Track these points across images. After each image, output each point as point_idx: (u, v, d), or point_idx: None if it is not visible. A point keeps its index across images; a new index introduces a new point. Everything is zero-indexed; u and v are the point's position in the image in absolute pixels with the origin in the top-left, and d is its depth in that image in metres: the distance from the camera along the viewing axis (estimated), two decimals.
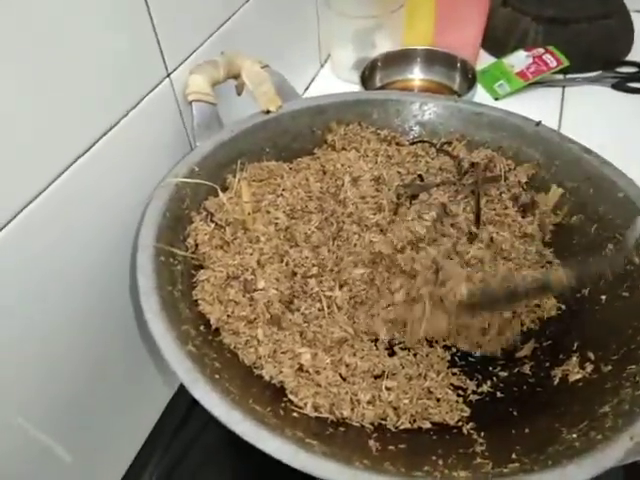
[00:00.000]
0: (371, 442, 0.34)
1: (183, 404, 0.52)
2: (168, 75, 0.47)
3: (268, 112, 0.53)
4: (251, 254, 0.44)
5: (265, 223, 0.47)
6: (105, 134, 0.40)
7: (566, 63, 0.75)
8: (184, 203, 0.45)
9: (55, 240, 0.37)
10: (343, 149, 0.55)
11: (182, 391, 0.53)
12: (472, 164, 0.53)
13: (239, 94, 0.54)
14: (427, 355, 0.43)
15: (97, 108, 0.39)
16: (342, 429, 0.36)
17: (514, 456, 0.32)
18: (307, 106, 0.55)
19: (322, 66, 0.88)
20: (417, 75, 0.79)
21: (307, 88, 0.83)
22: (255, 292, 0.42)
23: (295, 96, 0.56)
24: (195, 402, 0.32)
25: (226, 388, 0.34)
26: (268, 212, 0.48)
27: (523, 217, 0.51)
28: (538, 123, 0.52)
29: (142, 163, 0.45)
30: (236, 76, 0.52)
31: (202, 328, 0.39)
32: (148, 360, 0.49)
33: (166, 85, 0.47)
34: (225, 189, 0.48)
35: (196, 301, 0.41)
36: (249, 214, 0.46)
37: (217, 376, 0.35)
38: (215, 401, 0.32)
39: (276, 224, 0.47)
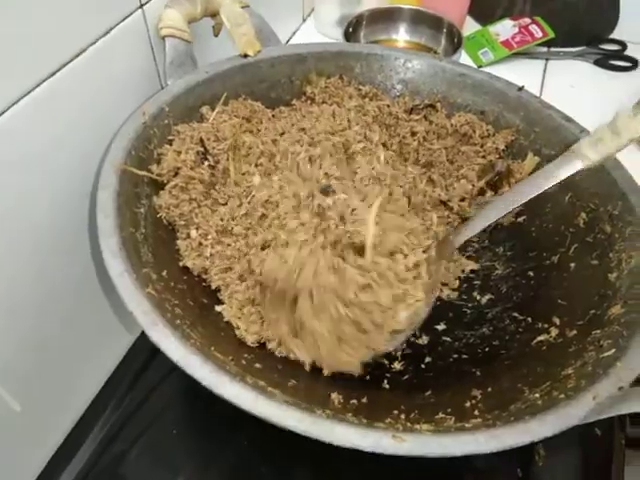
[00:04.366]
0: (333, 395, 0.34)
1: (141, 355, 0.50)
2: (141, 6, 0.43)
3: (246, 56, 0.50)
4: None
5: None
6: (70, 61, 0.37)
7: (552, 34, 0.75)
8: (151, 143, 0.42)
9: (13, 170, 0.34)
10: (323, 102, 0.53)
11: (139, 343, 0.51)
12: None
13: (216, 35, 0.51)
14: None
15: (63, 32, 0.36)
16: (305, 382, 0.36)
17: (476, 412, 0.32)
18: (288, 53, 0.52)
19: (304, 20, 0.85)
20: (402, 36, 0.77)
21: (287, 43, 0.80)
22: None
23: (276, 41, 0.53)
24: (154, 352, 0.30)
25: (187, 334, 0.32)
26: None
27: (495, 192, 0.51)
28: (521, 88, 0.51)
29: (108, 96, 0.42)
30: (214, 14, 0.49)
31: (164, 274, 0.38)
32: (107, 305, 0.47)
33: (138, 16, 0.43)
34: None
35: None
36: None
37: (178, 321, 0.33)
38: (174, 345, 0.30)
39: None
